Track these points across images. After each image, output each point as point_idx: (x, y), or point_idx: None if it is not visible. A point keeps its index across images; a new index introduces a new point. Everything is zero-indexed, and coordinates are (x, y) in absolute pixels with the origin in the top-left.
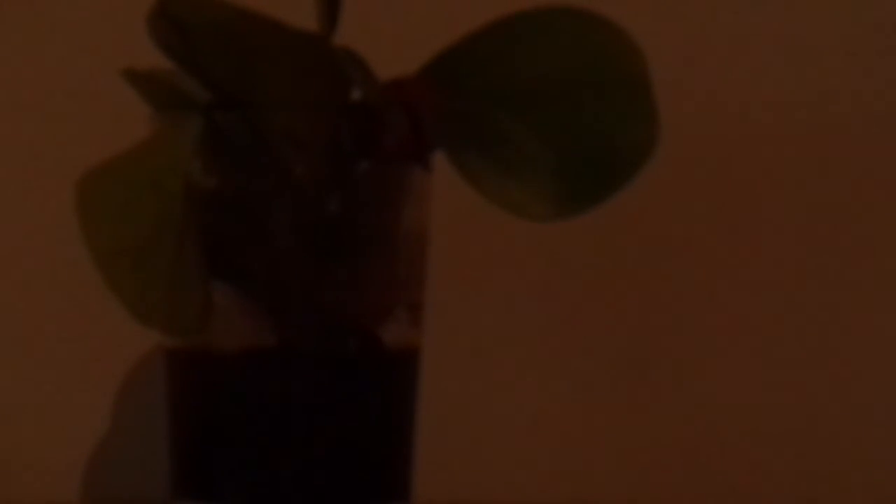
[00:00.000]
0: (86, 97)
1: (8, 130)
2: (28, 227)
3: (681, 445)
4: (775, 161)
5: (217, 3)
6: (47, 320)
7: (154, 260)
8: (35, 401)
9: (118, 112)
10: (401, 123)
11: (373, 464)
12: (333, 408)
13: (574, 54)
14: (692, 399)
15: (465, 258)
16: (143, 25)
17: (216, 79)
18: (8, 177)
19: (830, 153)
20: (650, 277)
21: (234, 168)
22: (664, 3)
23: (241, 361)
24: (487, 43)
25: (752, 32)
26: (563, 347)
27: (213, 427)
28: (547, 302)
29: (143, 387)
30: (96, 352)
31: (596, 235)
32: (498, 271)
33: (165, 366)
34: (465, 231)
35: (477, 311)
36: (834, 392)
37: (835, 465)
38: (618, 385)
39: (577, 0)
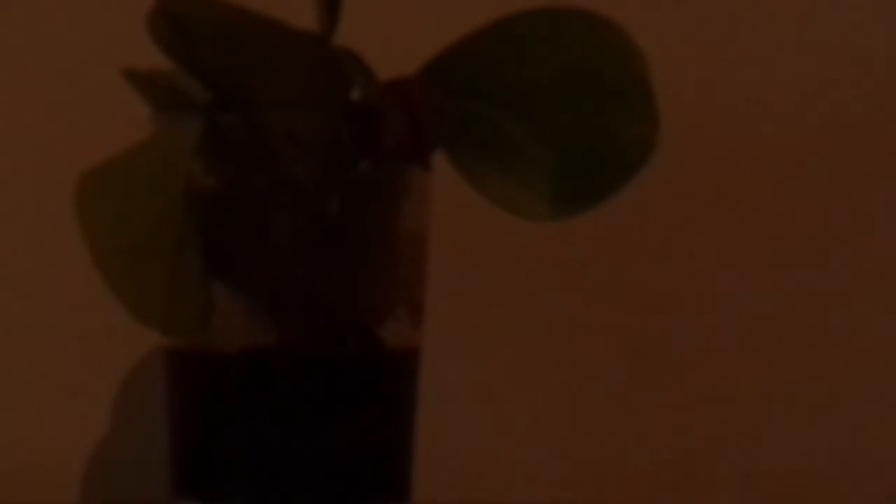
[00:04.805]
0: (86, 97)
1: (8, 130)
2: (28, 227)
3: (681, 445)
4: (775, 161)
5: (217, 3)
6: (47, 320)
7: (154, 260)
8: (35, 401)
9: (118, 112)
10: (401, 123)
11: (373, 464)
12: (333, 408)
13: (574, 54)
14: (692, 399)
15: (465, 258)
16: (143, 25)
17: (216, 79)
18: (8, 177)
19: (831, 153)
20: (650, 277)
21: (234, 168)
22: (664, 3)
23: (241, 361)
24: (487, 43)
25: (753, 32)
26: (562, 347)
27: (213, 427)
28: (546, 302)
29: (143, 387)
30: (96, 352)
31: (596, 235)
32: (498, 271)
33: (165, 366)
34: (465, 231)
35: (477, 311)
36: (835, 391)
37: (835, 464)
38: (617, 385)
39: (577, 0)
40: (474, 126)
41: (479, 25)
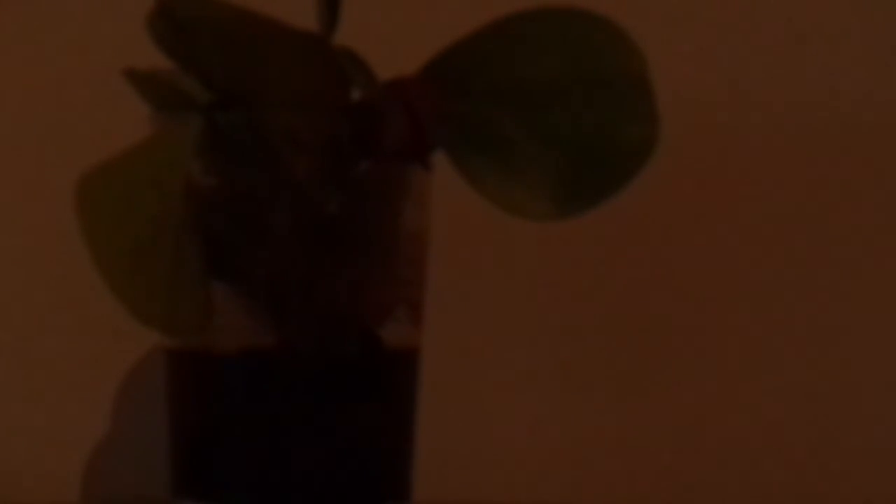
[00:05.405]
0: (86, 97)
1: (8, 130)
2: (28, 227)
3: (680, 445)
4: (775, 161)
5: (217, 3)
6: (47, 320)
7: (154, 260)
8: (35, 401)
9: (118, 112)
10: (401, 123)
11: (373, 464)
12: (333, 408)
13: (574, 54)
14: (691, 399)
15: (465, 258)
16: (143, 25)
17: (216, 79)
18: (8, 177)
19: (831, 153)
20: (650, 277)
21: (234, 168)
22: (664, 3)
23: (241, 361)
24: (487, 43)
25: (752, 32)
26: (562, 347)
27: (213, 427)
28: (547, 302)
29: (143, 387)
30: (96, 352)
31: (596, 235)
32: (498, 271)
33: (165, 366)
34: (465, 231)
35: (477, 311)
36: (833, 393)
37: (834, 465)
38: (617, 385)
39: (577, 0)
40: (474, 126)
41: (479, 25)
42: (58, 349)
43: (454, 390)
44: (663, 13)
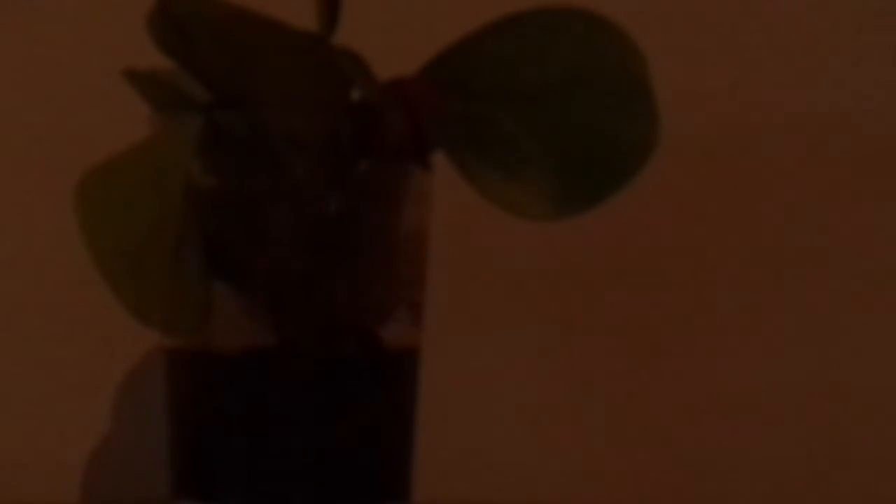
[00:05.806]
0: (86, 97)
1: (8, 130)
2: (28, 227)
3: (680, 445)
4: (775, 161)
5: (217, 3)
6: (47, 320)
7: (154, 260)
8: (35, 401)
9: (118, 112)
10: (401, 123)
11: (373, 464)
12: (333, 408)
13: (574, 54)
14: (692, 399)
15: (465, 258)
16: (143, 25)
17: (216, 79)
18: (8, 177)
19: (830, 153)
20: (650, 277)
21: (234, 168)
22: (664, 3)
23: (241, 361)
24: (487, 43)
25: (753, 32)
26: (563, 347)
27: (213, 427)
28: (547, 302)
29: (143, 387)
30: (96, 352)
31: (596, 235)
32: (498, 271)
33: (165, 366)
34: (465, 231)
35: (477, 311)
36: (834, 391)
37: (834, 464)
38: (618, 385)
39: (577, 0)
40: (474, 126)
41: (479, 25)
42: (58, 349)
43: (454, 390)
44: (663, 13)
